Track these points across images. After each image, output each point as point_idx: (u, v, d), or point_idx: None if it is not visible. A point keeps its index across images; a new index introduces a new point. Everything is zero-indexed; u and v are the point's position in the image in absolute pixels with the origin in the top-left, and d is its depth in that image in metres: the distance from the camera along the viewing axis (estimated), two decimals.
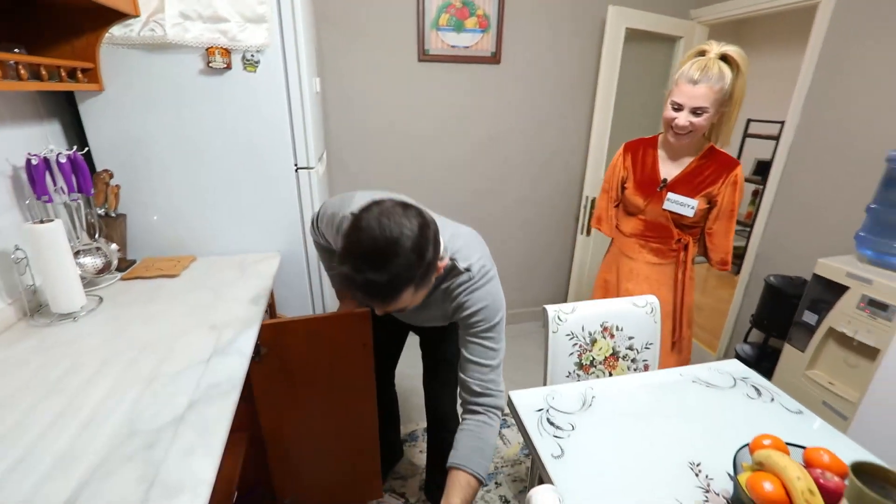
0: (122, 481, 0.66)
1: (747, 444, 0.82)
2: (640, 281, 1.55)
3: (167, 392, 0.85)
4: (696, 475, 0.87)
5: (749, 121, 3.69)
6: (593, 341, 1.32)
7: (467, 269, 0.96)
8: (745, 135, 3.73)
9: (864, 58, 1.77)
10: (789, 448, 0.79)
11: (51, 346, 1.00)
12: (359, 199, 1.03)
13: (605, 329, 1.32)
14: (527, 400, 1.07)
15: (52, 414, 0.79)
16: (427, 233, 0.80)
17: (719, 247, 1.44)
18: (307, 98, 1.47)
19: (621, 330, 1.34)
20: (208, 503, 0.65)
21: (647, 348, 1.37)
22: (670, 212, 1.42)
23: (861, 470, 0.56)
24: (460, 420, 1.02)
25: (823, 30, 1.91)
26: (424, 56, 2.20)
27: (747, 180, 3.65)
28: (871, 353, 1.49)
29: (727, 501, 0.81)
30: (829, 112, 1.91)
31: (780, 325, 1.91)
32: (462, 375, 1.00)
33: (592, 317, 1.31)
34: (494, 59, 2.28)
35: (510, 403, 1.07)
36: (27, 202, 1.11)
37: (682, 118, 1.31)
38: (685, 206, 1.39)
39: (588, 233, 2.58)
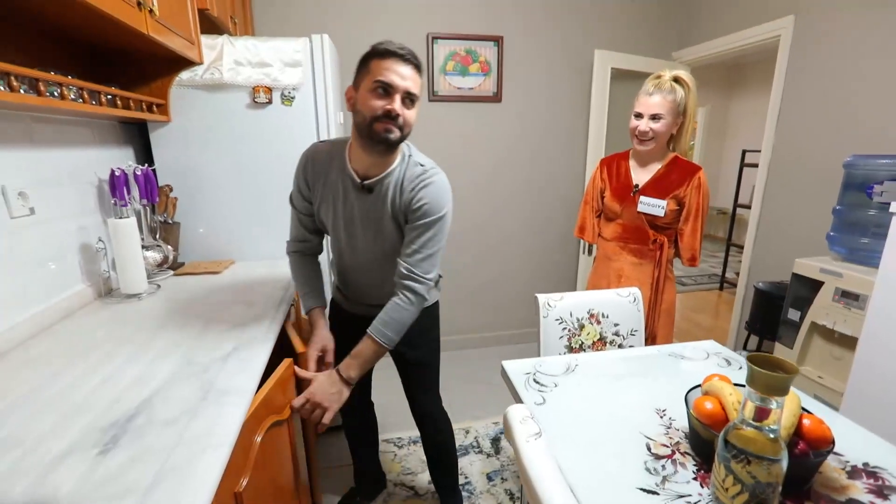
0: (185, 389, 0.85)
1: (699, 385, 0.96)
2: (622, 281, 1.69)
3: (215, 340, 1.05)
4: (661, 417, 0.99)
5: (745, 151, 3.89)
6: (581, 326, 1.46)
7: (421, 164, 1.13)
8: (742, 164, 3.92)
9: (821, 81, 1.99)
10: (736, 387, 0.92)
11: (121, 315, 1.22)
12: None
13: (591, 316, 1.47)
14: (517, 367, 1.21)
15: (126, 355, 0.99)
16: None
17: (687, 245, 1.59)
18: (332, 126, 1.75)
19: (607, 317, 1.48)
20: (249, 405, 0.83)
21: (633, 334, 1.50)
22: (644, 213, 1.59)
23: (756, 360, 0.70)
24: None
25: (785, 59, 2.15)
26: (434, 97, 2.51)
27: (747, 206, 3.80)
28: (851, 343, 1.58)
29: (684, 433, 0.93)
30: (796, 129, 2.11)
31: (771, 326, 2.00)
32: (398, 259, 1.14)
33: (579, 305, 1.47)
34: (496, 98, 2.58)
35: (503, 371, 1.22)
36: (112, 202, 1.37)
37: (643, 124, 1.52)
38: (656, 206, 1.56)
39: (589, 252, 2.74)
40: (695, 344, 1.35)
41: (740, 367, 1.22)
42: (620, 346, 1.49)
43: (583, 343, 1.46)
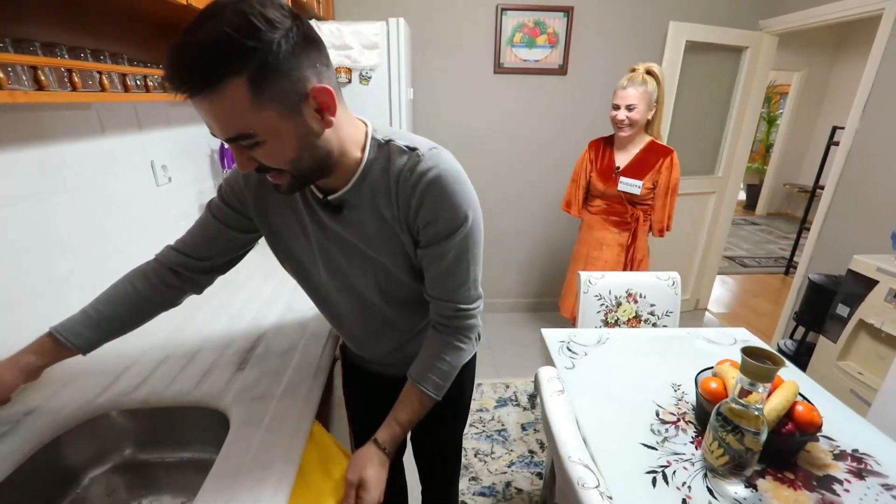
0: (289, 329, 1.11)
1: (710, 367, 1.08)
2: (603, 248, 1.97)
3: None
4: (675, 391, 1.14)
5: (835, 128, 3.57)
6: (618, 304, 1.59)
7: (411, 149, 0.72)
8: (831, 142, 3.62)
9: None
10: None
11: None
12: None
13: (629, 295, 1.59)
14: (554, 335, 1.38)
15: (244, 299, 1.28)
16: (283, 13, 0.54)
17: (657, 218, 1.89)
18: (403, 104, 1.92)
19: (644, 297, 1.60)
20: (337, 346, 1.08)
21: (668, 315, 1.61)
22: (623, 192, 1.85)
23: (750, 352, 0.82)
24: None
25: (885, 38, 1.99)
26: (499, 69, 2.57)
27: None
28: None
29: (692, 406, 1.08)
30: (886, 115, 1.98)
31: (820, 319, 2.00)
32: (429, 295, 0.80)
33: (619, 284, 1.59)
34: (561, 70, 2.59)
35: (541, 337, 1.39)
36: (222, 170, 1.66)
37: (620, 114, 1.78)
38: (633, 185, 1.83)
39: None
40: (725, 330, 1.44)
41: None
42: (654, 325, 1.61)
43: (618, 319, 1.60)
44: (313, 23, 1.77)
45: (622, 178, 1.85)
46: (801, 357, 2.08)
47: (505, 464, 1.85)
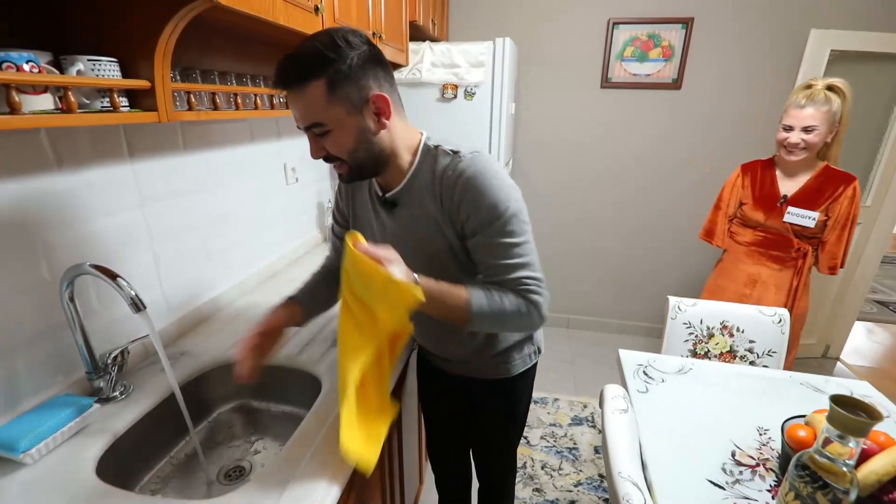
0: None
1: (804, 415, 0.98)
2: (758, 286, 1.72)
3: None
4: (760, 435, 1.05)
5: None
6: (710, 335, 1.49)
7: (455, 152, 0.82)
8: None
9: None
10: None
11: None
12: None
13: (724, 327, 1.48)
14: (631, 357, 1.35)
15: None
16: (360, 39, 0.73)
17: (829, 254, 1.63)
18: (504, 118, 2.01)
19: (742, 332, 1.47)
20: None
21: (770, 355, 1.46)
22: (791, 224, 1.62)
23: (840, 401, 0.74)
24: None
25: None
26: (606, 83, 2.52)
27: None
28: None
29: (777, 454, 0.99)
30: None
31: None
32: (491, 281, 0.83)
33: (713, 313, 1.49)
34: (675, 85, 2.46)
35: (617, 358, 1.37)
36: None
37: (794, 136, 1.54)
38: (806, 217, 1.59)
39: None
40: (840, 380, 1.27)
41: (888, 415, 1.13)
42: (752, 363, 1.47)
43: (709, 352, 1.50)
44: (427, 43, 1.96)
45: (791, 209, 1.62)
46: None
47: (572, 482, 1.83)
